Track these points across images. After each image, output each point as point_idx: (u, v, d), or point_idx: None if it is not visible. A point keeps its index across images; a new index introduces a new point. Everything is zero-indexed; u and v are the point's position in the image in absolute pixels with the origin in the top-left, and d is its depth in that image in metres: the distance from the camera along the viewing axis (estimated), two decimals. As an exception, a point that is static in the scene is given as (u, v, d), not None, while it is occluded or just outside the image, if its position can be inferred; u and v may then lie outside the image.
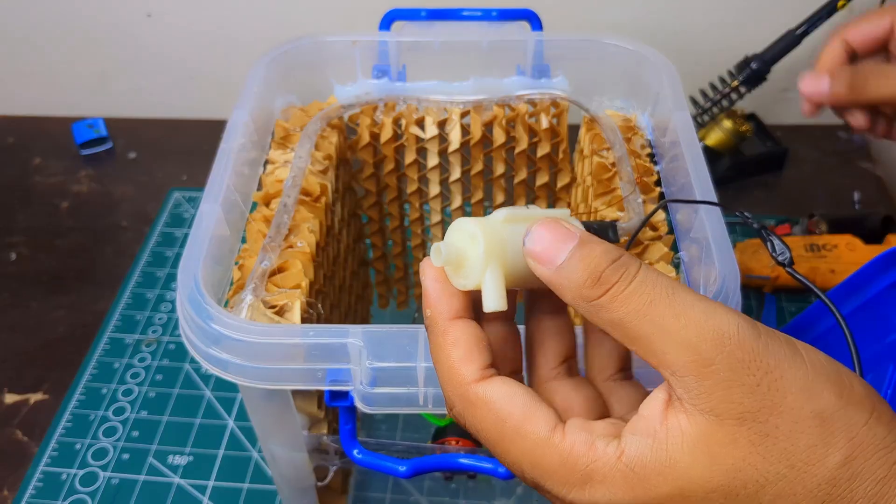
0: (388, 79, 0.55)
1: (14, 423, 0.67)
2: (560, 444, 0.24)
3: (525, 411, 0.24)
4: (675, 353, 0.23)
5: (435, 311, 0.27)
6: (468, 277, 0.26)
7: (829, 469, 0.22)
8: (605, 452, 0.23)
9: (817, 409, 0.22)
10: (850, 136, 0.92)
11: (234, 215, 0.44)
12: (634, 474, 0.23)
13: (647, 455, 0.23)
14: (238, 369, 0.37)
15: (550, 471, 0.24)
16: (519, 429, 0.24)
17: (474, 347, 0.26)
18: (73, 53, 0.95)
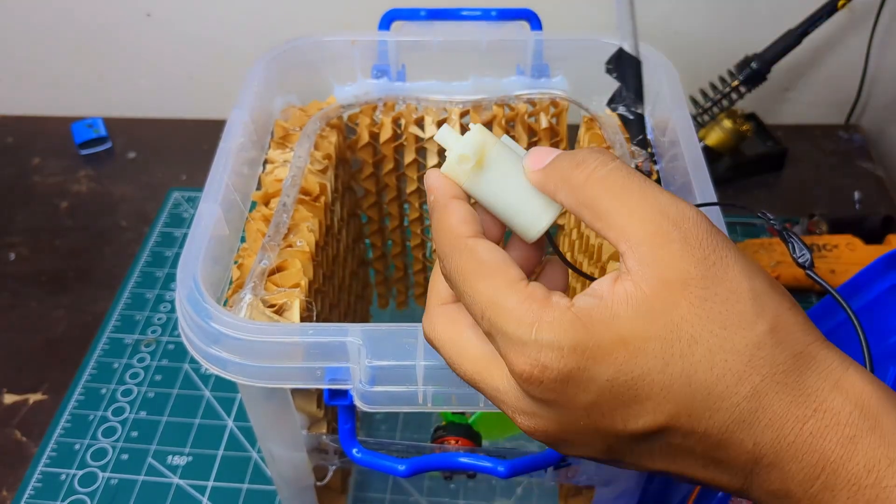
0: (388, 78, 0.55)
1: (13, 423, 0.67)
2: (523, 289, 0.27)
3: (501, 262, 0.28)
4: (636, 227, 0.26)
5: (438, 194, 0.31)
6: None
7: (756, 334, 0.25)
8: (557, 302, 0.26)
9: (753, 287, 0.25)
10: (850, 135, 0.92)
11: (234, 215, 0.44)
12: (580, 322, 0.25)
13: (594, 309, 0.26)
14: (237, 368, 0.37)
15: (508, 309, 0.26)
16: (493, 271, 0.28)
17: (469, 217, 0.30)
18: (73, 53, 0.95)
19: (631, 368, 0.25)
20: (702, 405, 0.25)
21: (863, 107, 0.93)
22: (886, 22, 0.86)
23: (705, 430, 0.25)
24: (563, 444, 0.28)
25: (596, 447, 0.27)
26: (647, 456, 0.27)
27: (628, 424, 0.26)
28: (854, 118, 0.94)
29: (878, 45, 0.88)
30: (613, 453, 0.27)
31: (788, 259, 0.72)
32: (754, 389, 0.25)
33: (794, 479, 0.25)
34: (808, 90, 0.92)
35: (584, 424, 0.26)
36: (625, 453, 0.27)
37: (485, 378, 0.28)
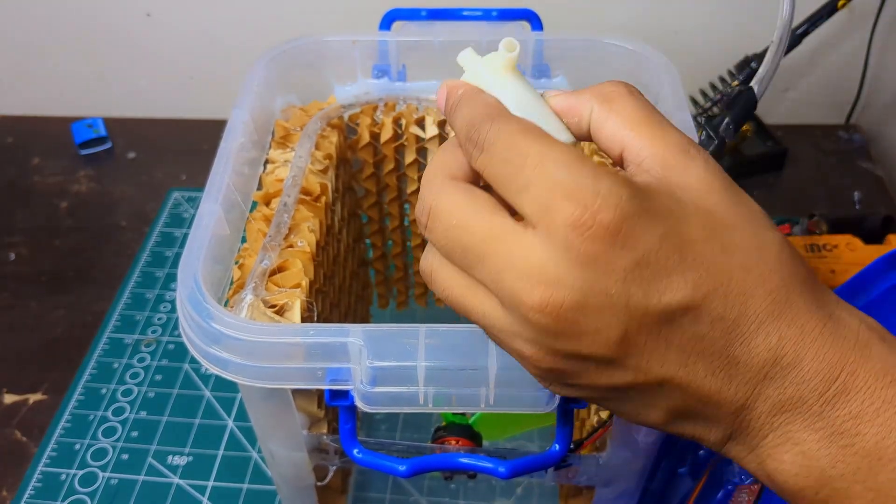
0: (388, 79, 0.55)
1: (13, 423, 0.67)
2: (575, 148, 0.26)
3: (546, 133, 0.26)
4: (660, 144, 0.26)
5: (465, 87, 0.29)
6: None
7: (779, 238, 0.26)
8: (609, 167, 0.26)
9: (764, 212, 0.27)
10: (850, 135, 0.92)
11: (234, 214, 0.44)
12: (633, 182, 0.25)
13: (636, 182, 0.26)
14: (238, 368, 0.37)
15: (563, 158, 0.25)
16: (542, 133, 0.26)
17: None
18: (72, 53, 0.95)
19: (680, 231, 0.24)
20: (738, 287, 0.24)
21: (863, 107, 0.93)
22: (886, 22, 0.86)
23: (735, 318, 0.24)
24: (570, 330, 0.25)
25: (608, 335, 0.24)
26: (662, 349, 0.25)
27: (663, 297, 0.24)
28: (854, 118, 0.94)
29: (878, 45, 0.88)
30: (624, 345, 0.25)
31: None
32: (784, 282, 0.25)
33: (810, 384, 0.25)
34: (808, 90, 0.92)
35: (614, 294, 0.24)
36: (637, 346, 0.25)
37: (503, 240, 0.25)
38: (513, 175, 0.25)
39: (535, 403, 0.37)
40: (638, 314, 0.24)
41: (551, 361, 0.26)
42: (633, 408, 0.27)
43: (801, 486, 0.25)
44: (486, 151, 0.26)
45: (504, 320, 0.26)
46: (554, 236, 0.24)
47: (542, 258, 0.24)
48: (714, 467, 0.51)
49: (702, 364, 0.25)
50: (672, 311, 0.24)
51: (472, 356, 0.35)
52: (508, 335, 0.26)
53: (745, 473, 0.50)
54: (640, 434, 0.43)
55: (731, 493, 0.50)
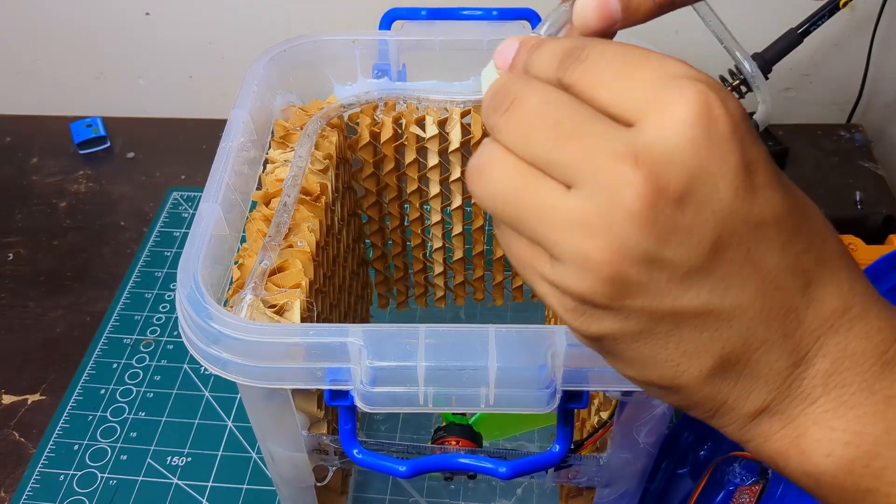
0: (388, 78, 0.54)
1: (11, 423, 0.66)
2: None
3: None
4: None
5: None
6: None
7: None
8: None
9: None
10: (851, 135, 0.91)
11: (234, 214, 0.44)
12: None
13: None
14: (237, 368, 0.37)
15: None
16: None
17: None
18: (71, 52, 0.95)
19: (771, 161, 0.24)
20: (818, 225, 0.24)
21: (864, 106, 0.93)
22: (888, 21, 0.86)
23: (818, 253, 0.24)
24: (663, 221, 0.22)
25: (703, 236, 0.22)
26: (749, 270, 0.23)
27: (765, 206, 0.23)
28: (855, 118, 0.94)
29: (879, 45, 0.88)
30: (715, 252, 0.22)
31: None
32: (844, 247, 0.25)
33: (873, 339, 0.24)
34: (809, 90, 0.92)
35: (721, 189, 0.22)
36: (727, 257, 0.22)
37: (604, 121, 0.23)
38: (625, 69, 0.23)
39: (536, 403, 0.36)
40: (738, 218, 0.22)
41: (620, 265, 0.22)
42: (676, 353, 0.24)
43: (849, 457, 0.24)
44: (594, 57, 0.23)
45: (580, 209, 0.22)
46: (676, 114, 0.21)
47: (651, 140, 0.22)
48: (715, 468, 0.51)
49: (778, 299, 0.23)
50: (767, 227, 0.23)
51: (472, 356, 0.35)
52: (579, 227, 0.22)
53: (746, 475, 0.50)
54: (640, 435, 0.43)
55: (731, 494, 0.50)
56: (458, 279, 0.66)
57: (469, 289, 0.68)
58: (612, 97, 0.23)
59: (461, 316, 0.70)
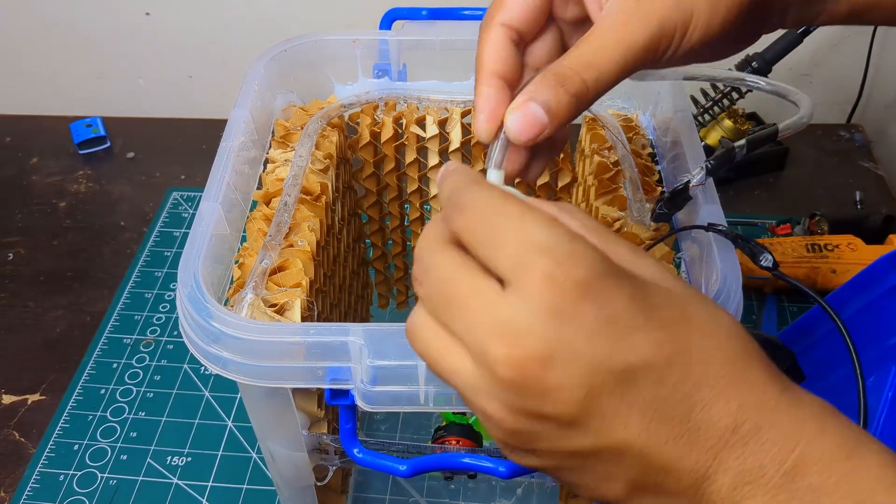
0: (389, 78, 0.54)
1: (11, 423, 0.66)
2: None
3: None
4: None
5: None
6: None
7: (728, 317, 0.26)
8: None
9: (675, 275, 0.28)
10: (851, 135, 0.92)
11: (235, 214, 0.44)
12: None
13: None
14: (238, 368, 0.37)
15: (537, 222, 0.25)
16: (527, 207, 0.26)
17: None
18: (72, 52, 0.95)
19: (646, 295, 0.25)
20: (699, 353, 0.25)
21: (864, 106, 0.93)
22: (887, 22, 0.86)
23: (696, 382, 0.25)
24: (535, 386, 0.25)
25: (572, 393, 0.24)
26: (625, 411, 0.25)
27: (628, 355, 0.24)
28: (855, 118, 0.94)
29: (879, 45, 0.88)
30: (588, 404, 0.25)
31: (790, 259, 0.72)
32: (740, 352, 0.25)
33: (769, 452, 0.25)
34: (809, 90, 0.92)
35: (581, 350, 0.24)
36: (600, 405, 0.25)
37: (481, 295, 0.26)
38: (491, 233, 0.26)
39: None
40: (603, 370, 0.24)
41: (514, 421, 0.26)
42: (592, 480, 0.27)
43: None
44: (466, 212, 0.27)
45: (474, 376, 0.26)
46: (526, 290, 0.24)
47: (512, 312, 0.25)
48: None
49: (664, 429, 0.25)
50: (636, 370, 0.24)
51: (473, 356, 0.35)
52: (477, 392, 0.26)
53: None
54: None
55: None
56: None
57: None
58: (486, 258, 0.26)
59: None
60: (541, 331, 0.24)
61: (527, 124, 0.30)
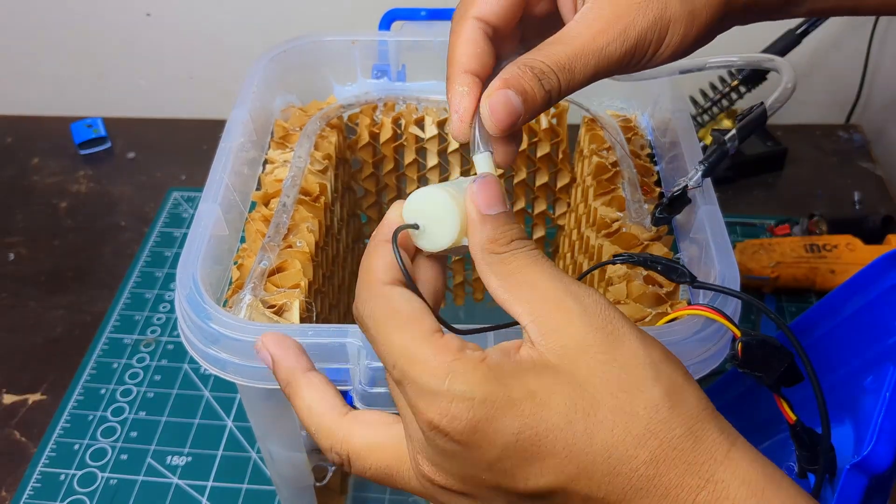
0: (388, 79, 0.54)
1: (12, 423, 0.66)
2: (437, 341, 0.27)
3: (418, 312, 0.28)
4: (539, 301, 0.27)
5: (377, 232, 0.31)
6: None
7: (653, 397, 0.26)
8: (471, 355, 0.27)
9: (649, 355, 0.27)
10: (850, 135, 0.92)
11: (233, 215, 0.44)
12: (492, 374, 0.26)
13: (504, 364, 0.27)
14: (237, 369, 0.37)
15: (421, 361, 0.27)
16: (407, 322, 0.28)
17: (392, 265, 0.30)
18: (72, 53, 0.95)
19: (537, 422, 0.25)
20: (602, 468, 0.25)
21: (863, 106, 0.93)
22: (886, 22, 0.86)
23: (605, 496, 0.25)
24: (460, 498, 0.28)
25: (497, 501, 0.27)
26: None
27: (529, 483, 0.26)
28: (854, 118, 0.94)
29: (877, 45, 0.88)
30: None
31: (788, 259, 0.72)
32: (652, 455, 0.25)
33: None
34: (808, 90, 0.92)
35: (487, 479, 0.26)
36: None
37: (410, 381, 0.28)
38: (387, 366, 0.28)
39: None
40: (513, 494, 0.26)
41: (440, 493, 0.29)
42: None
43: None
44: (362, 324, 0.29)
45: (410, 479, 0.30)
46: (424, 432, 0.27)
47: (423, 444, 0.28)
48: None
49: None
50: (542, 492, 0.26)
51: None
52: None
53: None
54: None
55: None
56: (458, 279, 0.66)
57: (468, 289, 0.68)
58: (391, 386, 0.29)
59: (460, 316, 0.70)
60: (446, 466, 0.27)
61: (504, 113, 0.30)
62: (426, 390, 0.26)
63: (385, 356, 0.28)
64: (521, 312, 0.27)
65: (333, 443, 0.31)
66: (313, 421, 0.31)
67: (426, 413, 0.26)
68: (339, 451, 0.30)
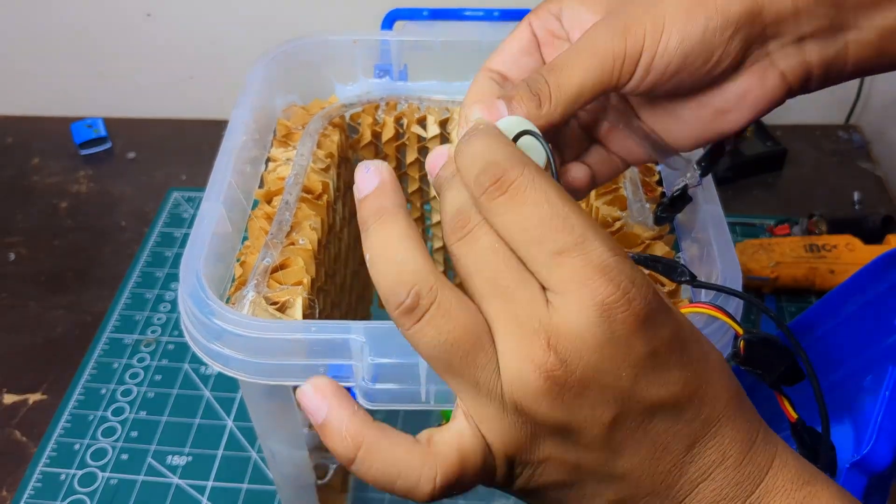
0: (390, 78, 0.55)
1: (13, 423, 0.66)
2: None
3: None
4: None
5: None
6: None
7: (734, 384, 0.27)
8: None
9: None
10: (850, 135, 0.92)
11: (236, 212, 0.44)
12: None
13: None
14: (239, 365, 0.37)
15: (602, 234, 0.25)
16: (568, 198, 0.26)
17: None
18: (73, 53, 0.95)
19: (683, 331, 0.26)
20: (712, 391, 0.26)
21: (862, 107, 0.93)
22: (885, 23, 0.86)
23: (705, 419, 0.26)
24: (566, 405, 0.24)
25: (603, 415, 0.25)
26: (640, 440, 0.25)
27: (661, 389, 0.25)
28: (854, 118, 0.94)
29: (877, 47, 0.88)
30: (612, 429, 0.25)
31: (788, 259, 0.72)
32: (736, 390, 0.27)
33: (741, 485, 0.26)
34: (807, 91, 0.93)
35: (623, 378, 0.24)
36: (621, 431, 0.25)
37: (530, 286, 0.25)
38: (549, 235, 0.24)
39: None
40: (634, 401, 0.25)
41: (523, 435, 0.26)
42: (575, 497, 0.27)
43: None
44: (515, 198, 0.25)
45: (493, 383, 0.25)
46: (583, 310, 0.24)
47: (563, 325, 0.24)
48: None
49: (663, 462, 0.26)
50: (663, 404, 0.25)
51: (474, 353, 0.35)
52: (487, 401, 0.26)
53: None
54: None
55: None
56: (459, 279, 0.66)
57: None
58: (532, 260, 0.25)
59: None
60: (587, 355, 0.24)
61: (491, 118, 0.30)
62: (612, 263, 0.24)
63: (554, 222, 0.24)
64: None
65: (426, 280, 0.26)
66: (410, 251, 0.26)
67: (604, 287, 0.23)
68: (429, 293, 0.25)
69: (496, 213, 0.25)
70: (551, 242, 0.24)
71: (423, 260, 0.26)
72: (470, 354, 0.25)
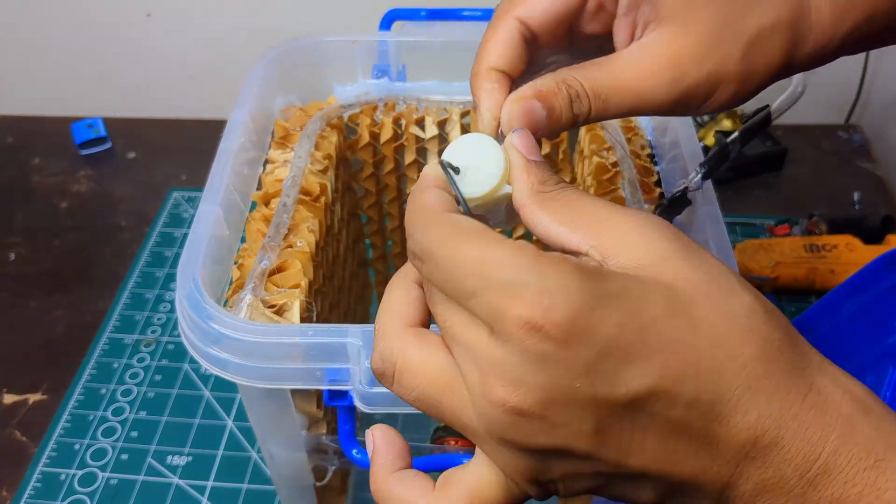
0: (388, 79, 0.55)
1: (13, 423, 0.67)
2: (513, 243, 0.25)
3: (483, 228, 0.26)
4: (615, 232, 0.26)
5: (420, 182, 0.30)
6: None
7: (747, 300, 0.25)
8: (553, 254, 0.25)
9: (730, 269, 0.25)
10: (850, 135, 0.92)
11: (234, 215, 0.44)
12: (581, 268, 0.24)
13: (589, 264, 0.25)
14: (237, 368, 0.37)
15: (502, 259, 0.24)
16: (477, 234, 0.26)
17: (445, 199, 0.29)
18: (73, 53, 0.95)
19: (639, 314, 0.23)
20: (710, 364, 0.23)
21: (862, 106, 0.93)
22: (886, 22, 0.86)
23: (711, 397, 0.23)
24: (539, 427, 0.24)
25: (582, 428, 0.24)
26: (640, 437, 0.24)
27: (631, 386, 0.23)
28: (854, 118, 0.94)
29: (877, 46, 0.88)
30: (600, 437, 0.24)
31: (788, 259, 0.72)
32: (758, 352, 0.24)
33: (791, 462, 0.24)
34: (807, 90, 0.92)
35: (580, 389, 0.23)
36: (612, 436, 0.24)
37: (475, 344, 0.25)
38: (458, 285, 0.25)
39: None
40: (607, 405, 0.24)
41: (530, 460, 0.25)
42: (623, 490, 0.26)
43: None
44: (427, 263, 0.26)
45: (475, 422, 0.25)
46: (510, 339, 0.23)
47: (501, 361, 0.24)
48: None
49: (683, 447, 0.24)
50: (642, 399, 0.23)
51: (471, 356, 0.35)
52: (481, 439, 0.26)
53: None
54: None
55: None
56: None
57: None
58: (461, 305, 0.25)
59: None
60: (533, 379, 0.23)
61: (525, 123, 0.30)
62: (515, 285, 0.23)
63: (453, 273, 0.25)
64: (582, 239, 0.25)
65: (389, 347, 0.27)
66: (384, 319, 0.28)
67: (516, 310, 0.23)
68: (392, 358, 0.27)
69: (426, 275, 0.27)
70: (464, 288, 0.25)
71: (391, 327, 0.28)
72: (444, 401, 0.26)
